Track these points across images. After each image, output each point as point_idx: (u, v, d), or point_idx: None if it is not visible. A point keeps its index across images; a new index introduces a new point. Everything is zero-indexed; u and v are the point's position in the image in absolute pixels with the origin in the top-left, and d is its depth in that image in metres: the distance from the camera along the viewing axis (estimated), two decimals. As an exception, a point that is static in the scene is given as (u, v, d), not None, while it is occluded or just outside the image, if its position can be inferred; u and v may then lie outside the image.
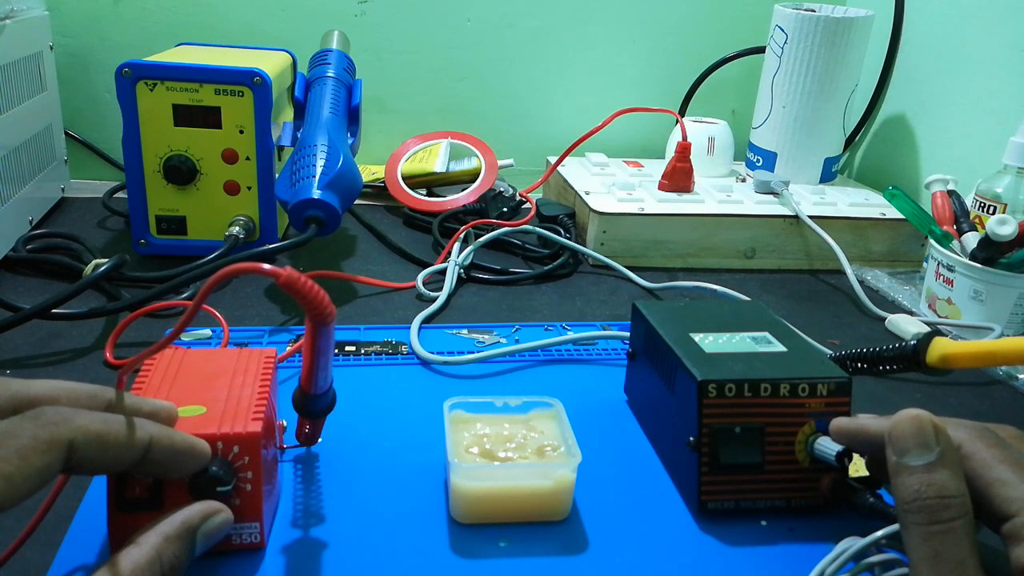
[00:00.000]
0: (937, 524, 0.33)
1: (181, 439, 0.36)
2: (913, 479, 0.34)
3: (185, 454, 0.36)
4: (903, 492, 0.34)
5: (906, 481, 0.34)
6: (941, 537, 0.33)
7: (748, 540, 0.44)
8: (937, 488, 0.33)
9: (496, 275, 0.79)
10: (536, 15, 1.06)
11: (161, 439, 0.35)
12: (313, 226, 0.68)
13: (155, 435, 0.35)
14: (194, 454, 0.36)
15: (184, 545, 0.35)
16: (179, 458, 0.36)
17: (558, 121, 1.12)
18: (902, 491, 0.34)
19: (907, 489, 0.34)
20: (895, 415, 0.36)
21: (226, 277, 0.33)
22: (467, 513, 0.44)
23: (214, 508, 0.37)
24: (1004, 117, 0.86)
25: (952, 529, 0.33)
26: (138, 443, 0.34)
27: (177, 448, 0.36)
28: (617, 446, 0.52)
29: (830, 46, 0.93)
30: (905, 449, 0.35)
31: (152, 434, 0.34)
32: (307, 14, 1.02)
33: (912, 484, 0.34)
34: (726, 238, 0.86)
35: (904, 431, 0.35)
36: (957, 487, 0.34)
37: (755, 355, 0.47)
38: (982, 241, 0.70)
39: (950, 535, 0.33)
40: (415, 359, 0.62)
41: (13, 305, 0.62)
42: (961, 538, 0.33)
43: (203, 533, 0.36)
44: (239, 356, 0.45)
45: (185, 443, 0.36)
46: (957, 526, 0.33)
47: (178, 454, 0.36)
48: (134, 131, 0.74)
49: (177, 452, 0.36)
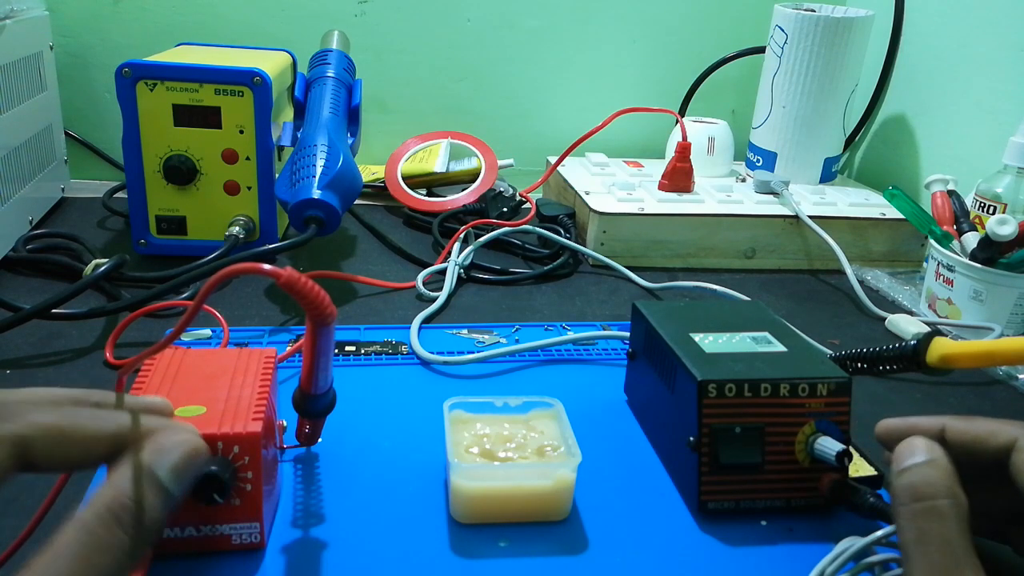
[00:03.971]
0: (920, 502, 0.34)
1: (166, 430, 0.33)
2: (906, 474, 0.36)
3: (171, 447, 0.33)
4: (895, 488, 0.36)
5: (901, 477, 0.36)
6: (926, 516, 0.34)
7: (748, 540, 0.44)
8: (923, 476, 0.35)
9: (496, 275, 0.79)
10: (536, 15, 1.06)
11: (138, 428, 0.32)
12: (313, 226, 0.68)
13: (124, 424, 0.32)
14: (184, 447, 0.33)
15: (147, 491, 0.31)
16: (165, 451, 0.33)
17: (558, 121, 1.12)
18: (895, 488, 0.36)
19: (899, 485, 0.36)
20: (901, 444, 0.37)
21: (226, 277, 0.33)
22: (467, 513, 0.44)
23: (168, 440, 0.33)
24: (1004, 117, 0.86)
25: (937, 508, 0.34)
26: (105, 433, 0.32)
27: (160, 441, 0.33)
28: (617, 446, 0.52)
29: (830, 46, 0.93)
30: (904, 460, 0.37)
31: (121, 423, 0.32)
32: (307, 14, 1.02)
33: (904, 478, 0.36)
34: (726, 238, 0.86)
35: (903, 448, 0.37)
36: (945, 478, 0.35)
37: (755, 355, 0.47)
38: (982, 241, 0.70)
39: (934, 514, 0.34)
40: (415, 359, 0.62)
41: (13, 305, 0.62)
42: (948, 519, 0.33)
43: (169, 470, 0.32)
44: (239, 356, 0.45)
45: (170, 436, 0.33)
46: (942, 506, 0.34)
47: (162, 446, 0.33)
48: (134, 131, 0.74)
49: (161, 445, 0.33)
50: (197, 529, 0.39)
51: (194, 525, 0.39)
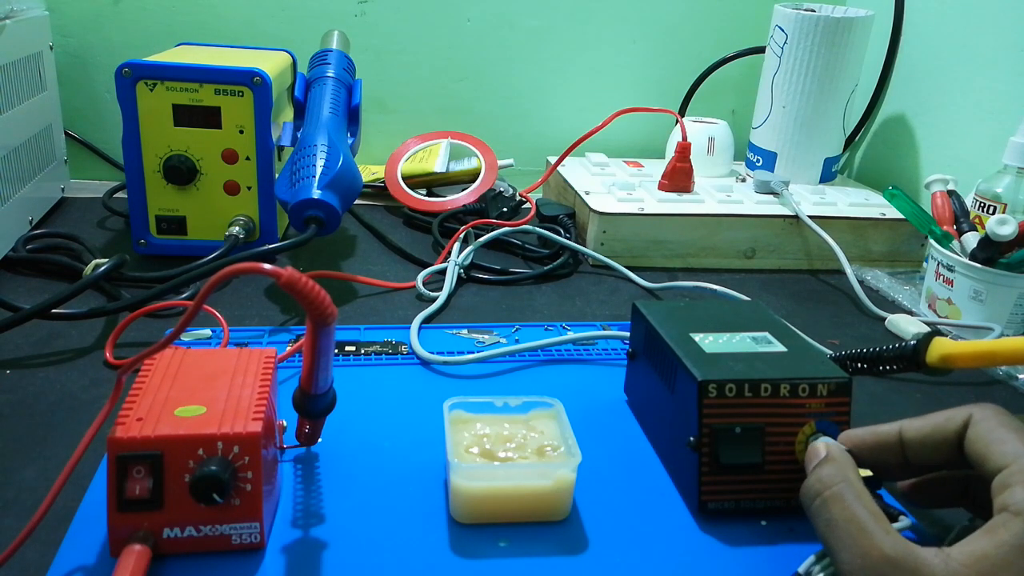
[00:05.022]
0: (817, 497, 0.38)
1: None
2: (806, 480, 0.40)
3: None
4: (801, 495, 0.40)
5: (803, 486, 0.40)
6: (825, 506, 0.37)
7: (748, 540, 0.44)
8: (817, 475, 0.39)
9: (496, 275, 0.79)
10: (536, 15, 1.06)
11: None
12: (313, 226, 0.68)
13: None
14: None
15: None
16: None
17: (558, 121, 1.12)
18: (801, 495, 0.40)
19: (803, 490, 0.40)
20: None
21: (226, 277, 0.33)
22: (467, 513, 0.44)
23: None
24: (1004, 117, 0.86)
25: (833, 495, 0.37)
26: None
27: None
28: (617, 446, 0.52)
29: (830, 46, 0.93)
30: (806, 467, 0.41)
31: None
32: (307, 14, 1.02)
33: (805, 483, 0.40)
34: (726, 238, 0.86)
35: (807, 456, 0.42)
36: (837, 471, 0.39)
37: (755, 355, 0.47)
38: (982, 241, 0.70)
39: (832, 501, 0.37)
40: (415, 359, 0.62)
41: (13, 305, 0.62)
42: (844, 499, 0.37)
43: None
44: (239, 356, 0.45)
45: None
46: (837, 491, 0.37)
47: None
48: (134, 131, 0.74)
49: None
50: (197, 529, 0.39)
51: (194, 525, 0.39)
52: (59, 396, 0.54)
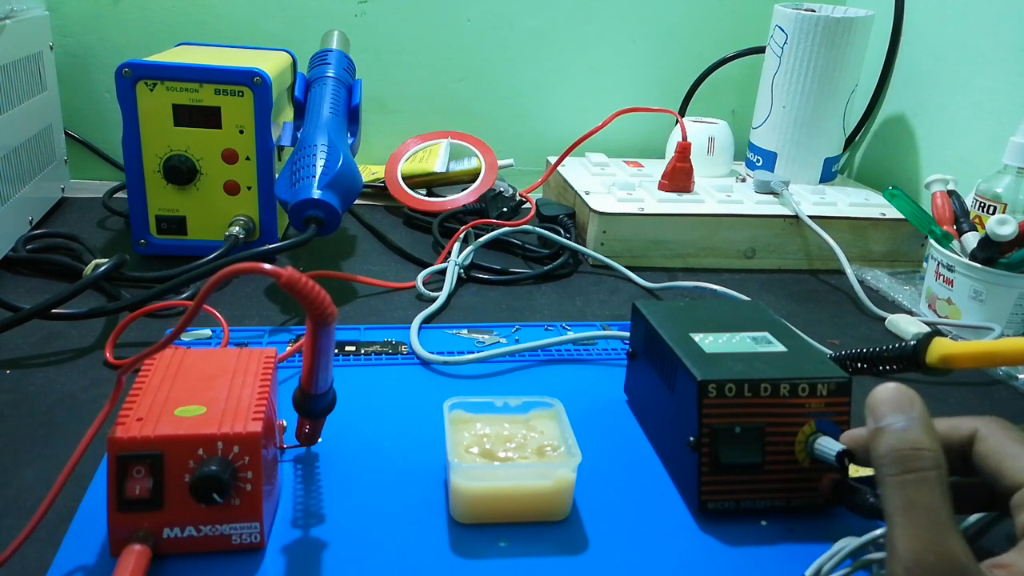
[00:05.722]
0: (910, 473, 0.34)
1: None
2: (889, 437, 0.35)
3: None
4: (879, 449, 0.35)
5: (883, 440, 0.35)
6: (914, 486, 0.34)
7: (748, 540, 0.44)
8: (911, 442, 0.35)
9: (496, 275, 0.79)
10: (536, 15, 1.06)
11: None
12: (313, 226, 0.68)
13: None
14: None
15: None
16: None
17: (558, 121, 1.12)
18: (878, 448, 0.36)
19: (883, 445, 0.35)
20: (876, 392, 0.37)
21: (226, 277, 0.33)
22: (467, 513, 0.44)
23: None
24: (1004, 117, 0.86)
25: (924, 478, 0.34)
26: None
27: None
28: (617, 446, 0.52)
29: (830, 46, 0.93)
30: (883, 415, 0.36)
31: None
32: (307, 14, 1.02)
33: (888, 441, 0.35)
34: (726, 238, 0.86)
35: (882, 399, 0.37)
36: (931, 443, 0.35)
37: (755, 355, 0.47)
38: (982, 241, 0.70)
39: (922, 483, 0.34)
40: (415, 359, 0.62)
41: (13, 305, 0.62)
42: (934, 487, 0.34)
43: None
44: (239, 356, 0.45)
45: None
46: (930, 476, 0.34)
47: None
48: (134, 131, 0.74)
49: None
50: (197, 529, 0.39)
51: (194, 525, 0.39)
52: (59, 396, 0.54)
